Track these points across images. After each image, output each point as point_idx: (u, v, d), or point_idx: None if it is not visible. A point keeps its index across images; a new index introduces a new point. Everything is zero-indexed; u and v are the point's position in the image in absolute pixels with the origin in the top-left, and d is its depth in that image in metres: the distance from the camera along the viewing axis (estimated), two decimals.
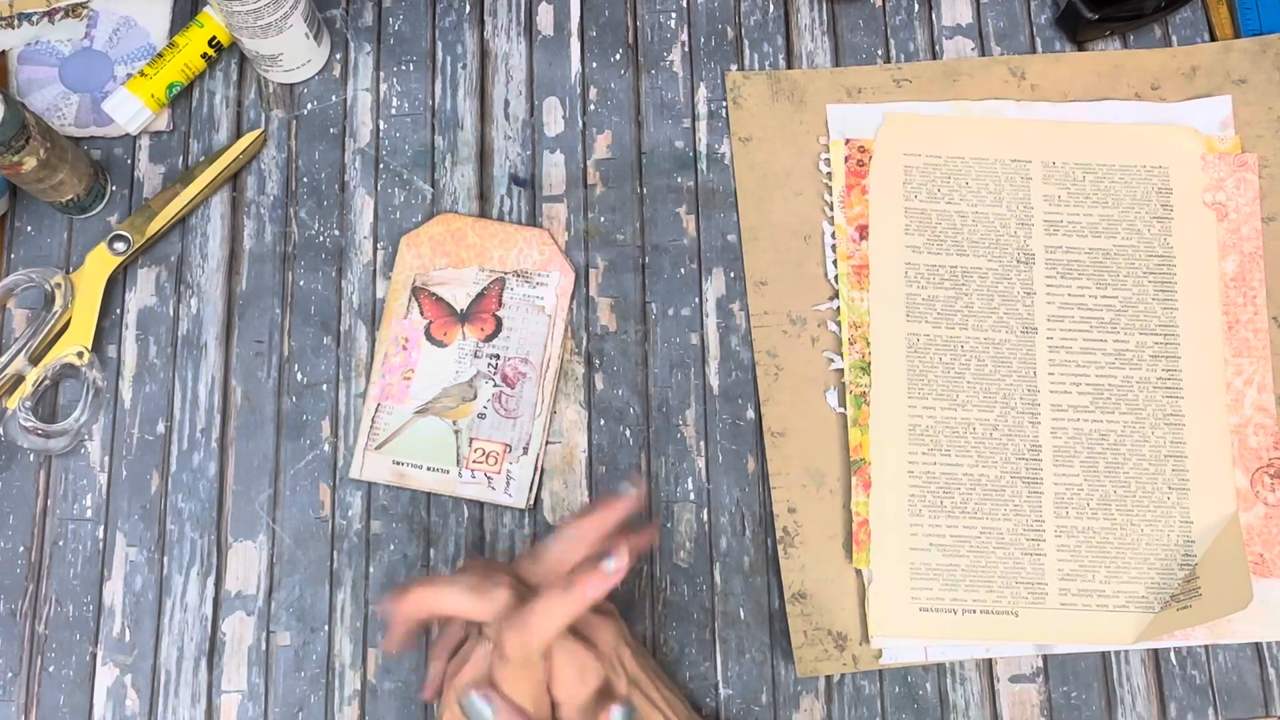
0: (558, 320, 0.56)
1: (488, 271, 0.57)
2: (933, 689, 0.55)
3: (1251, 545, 0.56)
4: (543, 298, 0.56)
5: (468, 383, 0.55)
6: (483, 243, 0.57)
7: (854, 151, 0.60)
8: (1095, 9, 0.60)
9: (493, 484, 0.55)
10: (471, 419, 0.55)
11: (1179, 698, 0.55)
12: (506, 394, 0.55)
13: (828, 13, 0.63)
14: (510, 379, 0.55)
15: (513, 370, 0.55)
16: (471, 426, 0.55)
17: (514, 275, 0.57)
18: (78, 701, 0.54)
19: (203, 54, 0.60)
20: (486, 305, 0.56)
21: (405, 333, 0.56)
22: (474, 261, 0.57)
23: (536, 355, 0.56)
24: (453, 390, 0.55)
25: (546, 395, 0.55)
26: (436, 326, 0.56)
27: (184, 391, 0.58)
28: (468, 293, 0.57)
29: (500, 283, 0.57)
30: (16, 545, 0.56)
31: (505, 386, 0.55)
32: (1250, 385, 0.58)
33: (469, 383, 0.55)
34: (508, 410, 0.55)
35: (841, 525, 0.56)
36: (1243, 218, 0.59)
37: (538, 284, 0.57)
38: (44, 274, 0.57)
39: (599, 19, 0.63)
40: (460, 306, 0.56)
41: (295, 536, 0.56)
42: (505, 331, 0.56)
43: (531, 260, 0.57)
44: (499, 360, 0.56)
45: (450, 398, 0.55)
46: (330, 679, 0.55)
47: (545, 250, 0.57)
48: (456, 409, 0.55)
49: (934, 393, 0.57)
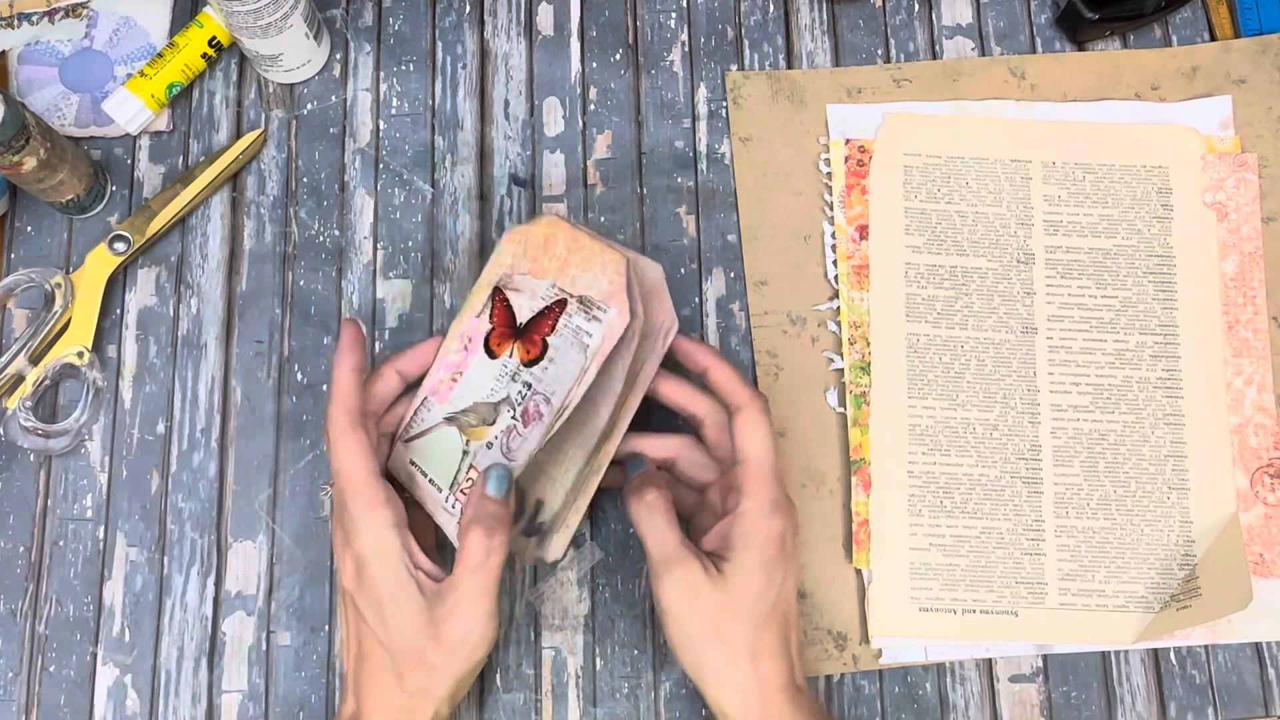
0: (591, 367, 0.47)
1: (557, 289, 0.50)
2: (933, 689, 0.55)
3: (1251, 545, 0.56)
4: (590, 334, 0.48)
5: (494, 405, 0.50)
6: (567, 256, 0.50)
7: (854, 151, 0.60)
8: (1095, 9, 0.60)
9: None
10: (481, 444, 0.50)
11: (1179, 697, 0.55)
12: (518, 432, 0.49)
13: (828, 13, 0.63)
14: (528, 416, 0.49)
15: (533, 409, 0.49)
16: (477, 452, 0.50)
17: (577, 300, 0.49)
18: (78, 701, 0.54)
19: (203, 54, 0.60)
20: (541, 327, 0.50)
21: (471, 332, 0.52)
22: (552, 274, 0.50)
23: (558, 398, 0.48)
24: (480, 407, 0.50)
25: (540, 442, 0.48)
26: (495, 336, 0.51)
27: (184, 391, 0.58)
28: (532, 307, 0.50)
29: (562, 305, 0.49)
30: (16, 545, 0.56)
31: (520, 424, 0.49)
32: (1250, 385, 0.58)
33: (495, 405, 0.50)
34: (509, 450, 0.49)
35: (841, 525, 0.56)
36: (1243, 218, 0.59)
37: (592, 318, 0.48)
38: (44, 274, 0.57)
39: (599, 19, 0.63)
40: (520, 320, 0.51)
41: (295, 536, 0.56)
42: (546, 361, 0.49)
43: (599, 288, 0.48)
44: (529, 391, 0.49)
45: (475, 414, 0.50)
46: (330, 679, 0.55)
47: (615, 280, 0.48)
48: (475, 428, 0.50)
49: (934, 393, 0.57)
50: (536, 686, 0.55)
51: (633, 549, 0.56)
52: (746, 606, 0.46)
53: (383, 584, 0.45)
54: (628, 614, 0.55)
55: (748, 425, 0.48)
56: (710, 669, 0.46)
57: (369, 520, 0.46)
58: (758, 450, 0.48)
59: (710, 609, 0.46)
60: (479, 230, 0.60)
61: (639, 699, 0.54)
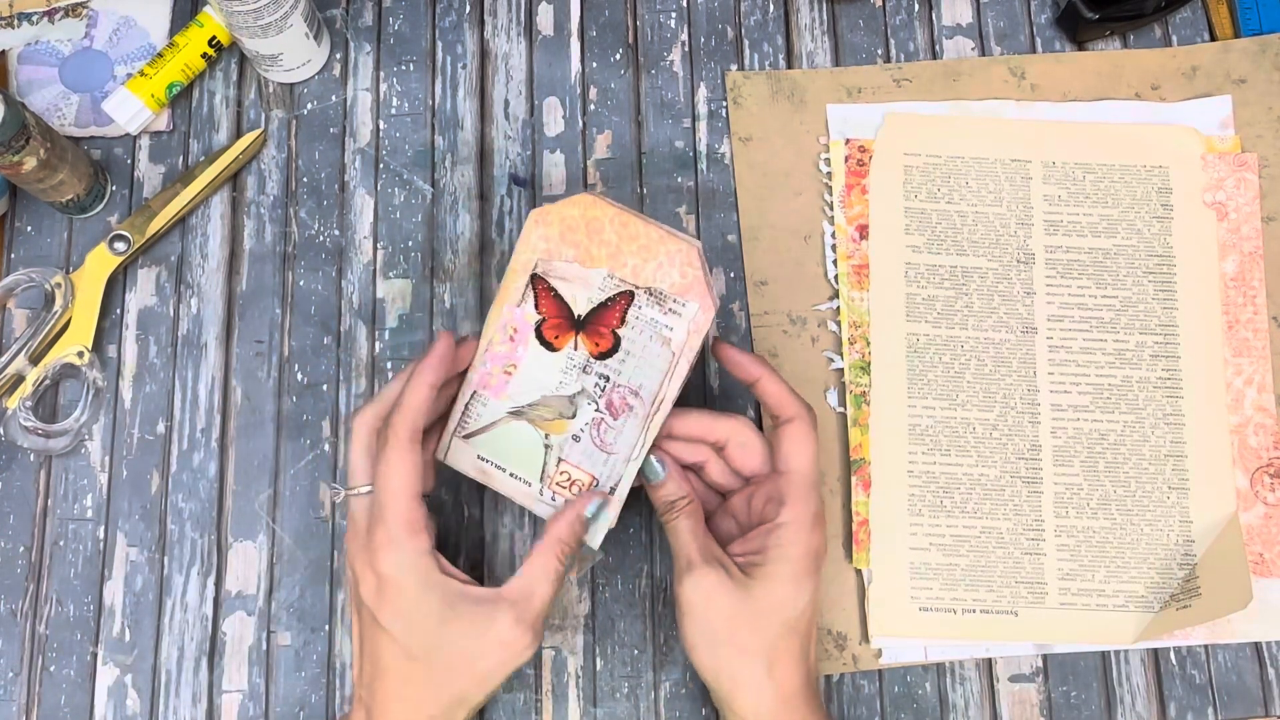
0: (682, 360, 0.48)
1: (616, 280, 0.48)
2: (932, 689, 0.55)
3: (1251, 545, 0.56)
4: (671, 328, 0.48)
5: (569, 398, 0.49)
6: (619, 243, 0.48)
7: (854, 151, 0.60)
8: (1095, 9, 0.60)
9: None
10: (566, 438, 0.49)
11: (1178, 697, 0.55)
12: (608, 424, 0.49)
13: (828, 13, 0.63)
14: (615, 409, 0.49)
15: (620, 400, 0.49)
16: (563, 446, 0.49)
17: (645, 292, 0.48)
18: (78, 701, 0.54)
19: (203, 54, 0.60)
20: (607, 319, 0.49)
21: (515, 323, 0.50)
22: (604, 263, 0.49)
23: (649, 390, 0.48)
24: (552, 401, 0.49)
25: (649, 439, 0.49)
26: (549, 327, 0.49)
27: (184, 391, 0.58)
28: (590, 298, 0.49)
29: (628, 297, 0.48)
30: (17, 545, 0.56)
31: (608, 415, 0.49)
32: (1250, 385, 0.58)
33: (571, 398, 0.49)
34: (604, 443, 0.49)
35: (841, 525, 0.56)
36: (1243, 217, 0.59)
37: (669, 311, 0.48)
38: (44, 274, 0.57)
39: (599, 19, 0.63)
40: (579, 311, 0.49)
41: (295, 536, 0.56)
42: (622, 353, 0.49)
43: (670, 280, 0.48)
44: (607, 384, 0.49)
45: (548, 408, 0.49)
46: (330, 679, 0.55)
47: (689, 273, 0.48)
48: (552, 422, 0.49)
49: (934, 392, 0.57)
50: (536, 686, 0.55)
51: (633, 549, 0.56)
52: (771, 616, 0.47)
53: (423, 601, 0.45)
54: (628, 614, 0.55)
55: (797, 437, 0.48)
56: (726, 673, 0.47)
57: (406, 544, 0.45)
58: (803, 463, 0.48)
59: (731, 614, 0.46)
60: (479, 230, 0.60)
61: (639, 699, 0.54)
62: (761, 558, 0.47)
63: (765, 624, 0.47)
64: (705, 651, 0.47)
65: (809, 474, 0.48)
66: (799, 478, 0.48)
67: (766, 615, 0.47)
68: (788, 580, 0.47)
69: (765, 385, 0.49)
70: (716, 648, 0.47)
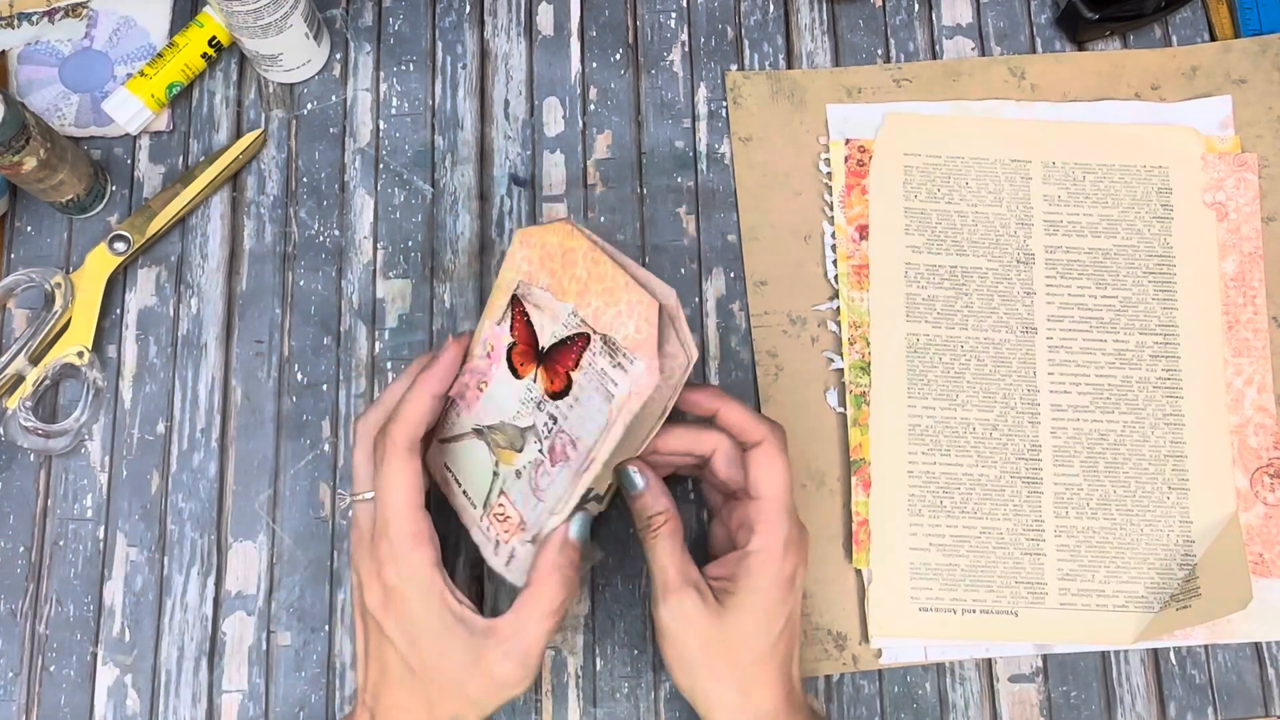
0: (617, 423, 0.44)
1: (579, 319, 0.46)
2: (932, 689, 0.55)
3: (1251, 545, 0.56)
4: (616, 383, 0.45)
5: (520, 431, 0.48)
6: (588, 280, 0.46)
7: (854, 151, 0.60)
8: (1095, 9, 0.60)
9: (498, 550, 0.48)
10: (511, 470, 0.48)
11: (1178, 697, 0.55)
12: (545, 469, 0.47)
13: (828, 13, 0.63)
14: (555, 454, 0.46)
15: (560, 447, 0.46)
16: (507, 478, 0.48)
17: (601, 339, 0.45)
18: (78, 701, 0.54)
19: (203, 54, 0.60)
20: (564, 359, 0.47)
21: (494, 340, 0.49)
22: (572, 298, 0.47)
23: (584, 445, 0.45)
24: (507, 428, 0.48)
25: (574, 497, 0.45)
26: (518, 353, 0.48)
27: (184, 391, 0.58)
28: (554, 332, 0.47)
29: (585, 340, 0.46)
30: (16, 545, 0.56)
31: (548, 460, 0.47)
32: (1250, 385, 0.58)
33: (521, 432, 0.48)
34: (538, 487, 0.47)
35: (841, 525, 0.56)
36: (1243, 218, 0.59)
37: (617, 365, 0.45)
38: (44, 274, 0.57)
39: (599, 19, 0.63)
40: (544, 343, 0.48)
41: (295, 536, 0.56)
42: (571, 398, 0.46)
43: (625, 332, 0.45)
44: (554, 426, 0.47)
45: (503, 435, 0.48)
46: (330, 679, 0.55)
47: (644, 329, 0.44)
48: (504, 450, 0.48)
49: (934, 393, 0.57)
50: (536, 686, 0.55)
51: (633, 549, 0.56)
52: (742, 645, 0.46)
53: (424, 619, 0.45)
54: (628, 614, 0.55)
55: (764, 462, 0.47)
56: (701, 694, 0.46)
57: (410, 556, 0.45)
58: (772, 488, 0.47)
59: (705, 640, 0.46)
60: (479, 230, 0.60)
61: (639, 699, 0.54)
62: (733, 586, 0.46)
63: (737, 652, 0.46)
64: (682, 673, 0.47)
65: (779, 499, 0.47)
66: (768, 504, 0.47)
67: (738, 644, 0.46)
68: (757, 611, 0.46)
69: (726, 415, 0.48)
70: (692, 671, 0.46)
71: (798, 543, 0.47)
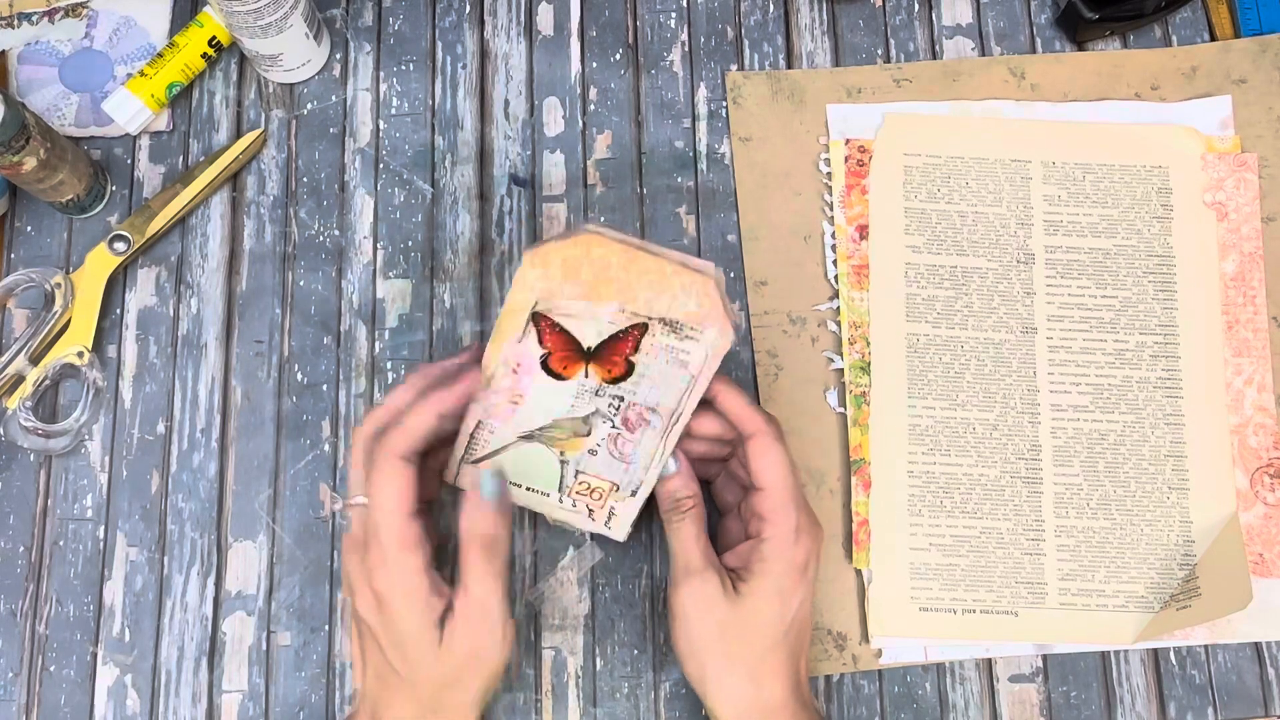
0: (700, 381, 0.48)
1: (629, 313, 0.48)
2: (932, 689, 0.55)
3: (1251, 545, 0.56)
4: (689, 352, 0.48)
5: (583, 419, 0.50)
6: (629, 278, 0.48)
7: (854, 151, 0.60)
8: (1095, 9, 0.60)
9: (593, 516, 0.52)
10: (582, 453, 0.50)
11: (1178, 697, 0.55)
12: (625, 438, 0.50)
13: (828, 13, 0.63)
14: (631, 424, 0.50)
15: (636, 416, 0.49)
16: (580, 460, 0.51)
17: (660, 323, 0.48)
18: (78, 701, 0.54)
19: (203, 54, 0.60)
20: (620, 349, 0.49)
21: (518, 357, 0.49)
22: (614, 298, 0.48)
23: (666, 407, 0.49)
24: (565, 423, 0.50)
25: (668, 448, 0.50)
26: (557, 359, 0.49)
27: (184, 391, 0.58)
28: (599, 331, 0.49)
29: (642, 328, 0.48)
30: (16, 545, 0.56)
31: (625, 430, 0.50)
32: (1250, 385, 0.58)
33: (585, 419, 0.50)
34: (622, 454, 0.50)
35: (841, 525, 0.56)
36: (1243, 217, 0.59)
37: (686, 338, 0.48)
38: (44, 274, 0.57)
39: (599, 19, 0.63)
40: (588, 343, 0.49)
41: (295, 536, 0.56)
42: (636, 377, 0.49)
43: (686, 311, 0.48)
44: (622, 404, 0.49)
45: (561, 429, 0.50)
46: (330, 679, 0.55)
47: (705, 303, 0.47)
48: (567, 440, 0.50)
49: (934, 393, 0.57)
50: (536, 686, 0.55)
51: (633, 549, 0.56)
52: (757, 631, 0.47)
53: (407, 622, 0.45)
54: (628, 614, 0.55)
55: (762, 452, 0.48)
56: (712, 681, 0.47)
57: (400, 562, 0.45)
58: (774, 477, 0.48)
59: (721, 625, 0.47)
60: (479, 230, 0.60)
61: (639, 699, 0.54)
62: (746, 573, 0.48)
63: (752, 638, 0.47)
64: (692, 661, 0.47)
65: (783, 488, 0.48)
66: (773, 493, 0.48)
67: (753, 630, 0.47)
68: (772, 596, 0.47)
69: (724, 400, 0.49)
70: (704, 656, 0.47)
71: (809, 531, 0.48)
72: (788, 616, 0.47)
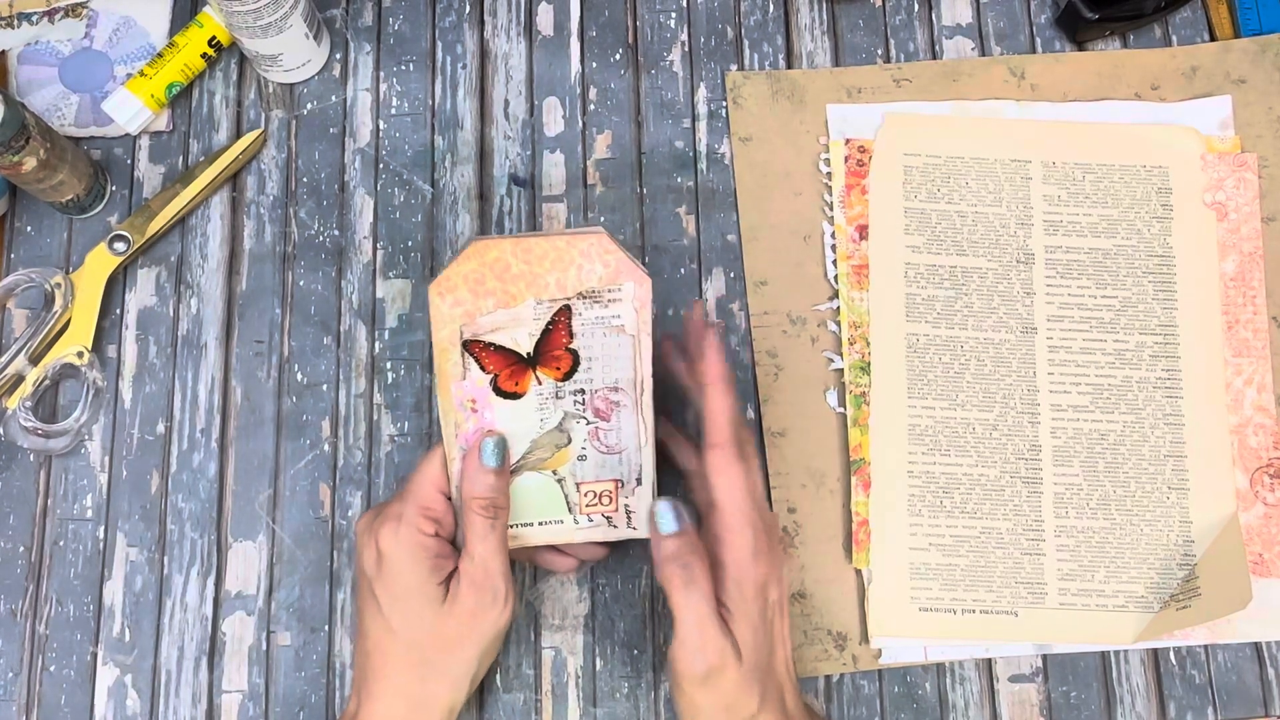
0: (642, 337, 0.48)
1: (547, 303, 0.48)
2: (932, 689, 0.55)
3: (1251, 545, 0.56)
4: (619, 315, 0.48)
5: (557, 428, 0.49)
6: (531, 269, 0.48)
7: (854, 151, 0.60)
8: (1095, 9, 0.60)
9: (613, 522, 0.50)
10: (572, 464, 0.49)
11: (1178, 697, 0.55)
12: (604, 429, 0.49)
13: (828, 13, 0.63)
14: (603, 412, 0.49)
15: (604, 402, 0.49)
16: (574, 471, 0.49)
17: (579, 299, 0.48)
18: (78, 701, 0.54)
19: (203, 54, 0.60)
20: (555, 341, 0.48)
21: (469, 394, 0.49)
22: (527, 294, 0.48)
23: (626, 379, 0.48)
24: (543, 440, 0.49)
25: (647, 420, 0.49)
26: (505, 378, 0.49)
27: (184, 391, 0.58)
28: (530, 332, 0.48)
29: (566, 311, 0.48)
30: (16, 545, 0.56)
31: (600, 421, 0.49)
32: (1250, 385, 0.58)
33: (559, 428, 0.49)
34: (609, 447, 0.49)
35: (841, 525, 0.56)
36: (1243, 218, 0.59)
37: (610, 301, 0.48)
38: (44, 274, 0.57)
39: (599, 19, 0.63)
40: (525, 350, 0.48)
41: (295, 536, 0.56)
42: (584, 364, 0.48)
43: (596, 275, 0.48)
44: (585, 395, 0.49)
45: (543, 449, 0.49)
46: (330, 679, 0.55)
47: (609, 260, 0.48)
48: (552, 458, 0.49)
49: (934, 393, 0.57)
50: (536, 686, 0.55)
51: (633, 549, 0.56)
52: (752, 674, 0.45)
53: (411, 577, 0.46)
54: (628, 614, 0.55)
55: (719, 468, 0.46)
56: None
57: (409, 522, 0.46)
58: (727, 496, 0.46)
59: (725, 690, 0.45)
60: (479, 230, 0.60)
61: (639, 699, 0.54)
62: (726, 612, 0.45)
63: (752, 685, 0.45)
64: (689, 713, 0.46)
65: (739, 506, 0.45)
66: (727, 514, 0.45)
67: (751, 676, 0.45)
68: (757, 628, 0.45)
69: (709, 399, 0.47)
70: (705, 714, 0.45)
71: (767, 555, 0.46)
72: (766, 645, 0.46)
